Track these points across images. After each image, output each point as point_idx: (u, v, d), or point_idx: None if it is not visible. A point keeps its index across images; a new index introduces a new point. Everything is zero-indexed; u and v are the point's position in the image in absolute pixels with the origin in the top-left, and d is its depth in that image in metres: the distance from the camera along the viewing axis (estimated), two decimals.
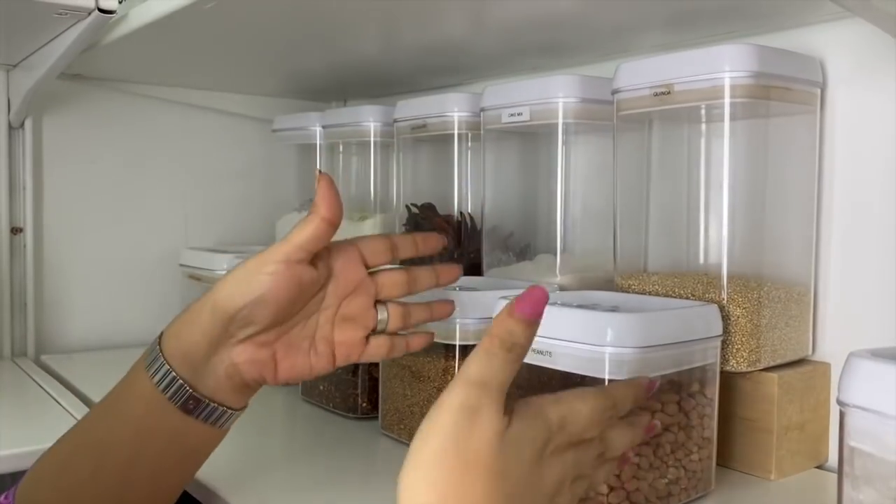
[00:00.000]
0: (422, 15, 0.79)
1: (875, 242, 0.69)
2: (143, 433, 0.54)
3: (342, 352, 0.57)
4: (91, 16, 0.78)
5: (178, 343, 0.53)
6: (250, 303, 0.51)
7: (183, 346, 0.53)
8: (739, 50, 0.65)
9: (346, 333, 0.57)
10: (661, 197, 0.78)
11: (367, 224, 1.08)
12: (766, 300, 0.67)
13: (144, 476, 0.54)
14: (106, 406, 0.56)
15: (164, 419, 0.53)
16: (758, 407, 0.68)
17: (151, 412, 0.53)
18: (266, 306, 0.52)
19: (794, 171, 0.71)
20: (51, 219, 1.18)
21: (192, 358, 0.53)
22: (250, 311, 0.52)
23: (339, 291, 0.56)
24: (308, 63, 1.07)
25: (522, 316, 0.42)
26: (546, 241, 0.86)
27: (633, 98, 0.71)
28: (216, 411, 0.54)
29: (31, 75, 1.01)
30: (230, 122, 1.32)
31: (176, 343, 0.53)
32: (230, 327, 0.52)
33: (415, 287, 0.60)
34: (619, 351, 0.56)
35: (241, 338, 0.53)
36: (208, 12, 0.75)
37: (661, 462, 0.59)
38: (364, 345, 0.58)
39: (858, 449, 0.41)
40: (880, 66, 0.68)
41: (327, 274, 0.56)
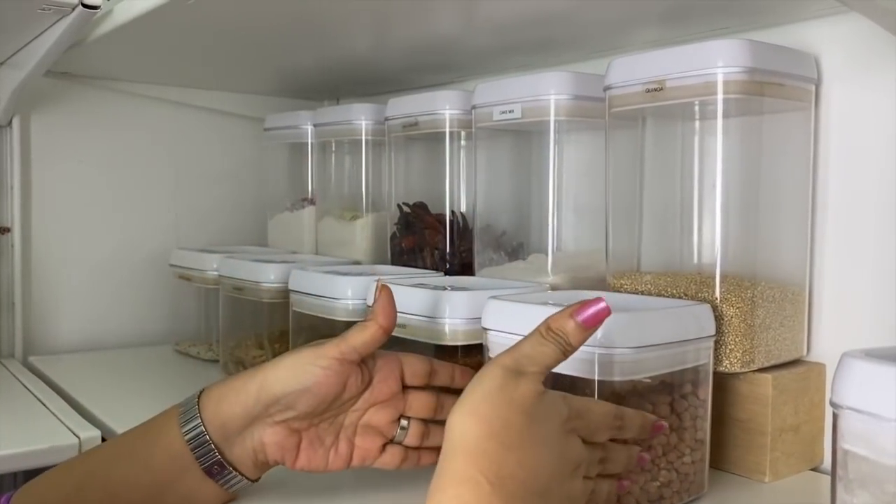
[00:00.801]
0: (413, 13, 0.78)
1: (870, 241, 0.68)
2: (161, 485, 0.56)
3: (359, 455, 0.60)
4: (75, 11, 0.78)
5: (217, 409, 0.56)
6: (297, 391, 0.55)
7: (222, 414, 0.56)
8: (732, 45, 0.64)
9: (367, 439, 0.60)
10: (653, 195, 0.77)
11: (358, 223, 1.07)
12: (760, 300, 0.66)
13: None
14: (127, 447, 0.58)
15: (185, 475, 0.56)
16: (751, 408, 0.67)
17: (174, 466, 0.56)
18: (311, 397, 0.56)
19: (788, 168, 0.70)
20: (39, 219, 1.17)
21: (227, 427, 0.56)
22: (295, 398, 0.56)
23: (372, 399, 0.60)
24: (299, 61, 1.06)
25: (582, 321, 0.48)
26: (538, 240, 0.86)
27: (625, 94, 0.70)
28: (235, 479, 0.58)
29: (18, 73, 1.00)
30: (221, 121, 1.31)
31: (216, 408, 0.57)
32: (271, 408, 0.56)
33: (440, 414, 0.62)
34: (609, 352, 0.55)
35: (277, 420, 0.57)
36: (193, 8, 0.74)
37: (653, 465, 0.58)
38: (380, 452, 0.61)
39: (852, 452, 0.40)
40: (876, 61, 0.68)
41: (368, 380, 0.59)
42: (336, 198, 1.14)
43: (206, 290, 1.14)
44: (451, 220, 0.95)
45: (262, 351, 1.00)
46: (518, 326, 0.61)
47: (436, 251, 0.95)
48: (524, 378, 0.46)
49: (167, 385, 1.03)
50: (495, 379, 0.45)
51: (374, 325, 0.57)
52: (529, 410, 0.45)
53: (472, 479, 0.42)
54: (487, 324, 0.64)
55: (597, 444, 0.51)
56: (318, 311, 0.86)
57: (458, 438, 0.44)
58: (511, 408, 0.45)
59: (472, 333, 0.69)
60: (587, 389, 0.58)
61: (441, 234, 0.94)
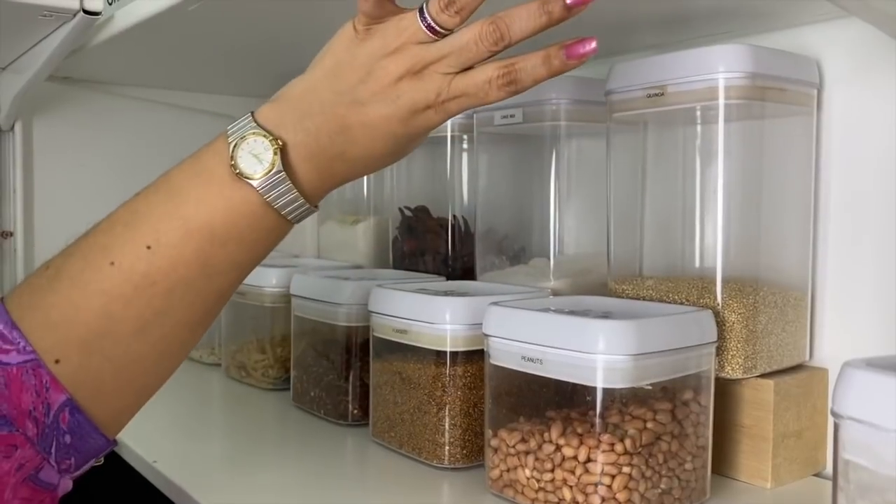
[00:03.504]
0: None
1: (873, 246, 0.68)
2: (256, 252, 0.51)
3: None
4: (76, 17, 0.78)
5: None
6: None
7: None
8: (734, 50, 0.64)
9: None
10: (655, 200, 0.77)
11: (360, 227, 1.07)
12: (762, 305, 0.66)
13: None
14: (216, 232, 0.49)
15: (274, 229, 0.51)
16: (754, 414, 0.66)
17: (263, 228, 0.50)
18: None
19: (790, 173, 0.70)
20: (41, 222, 1.17)
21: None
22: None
23: None
24: (300, 65, 1.05)
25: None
26: (540, 244, 0.85)
27: (626, 99, 0.70)
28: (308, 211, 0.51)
29: (20, 78, 1.00)
30: (223, 125, 1.29)
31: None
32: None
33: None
34: (610, 358, 0.55)
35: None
36: (195, 13, 0.74)
37: (654, 472, 0.58)
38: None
39: (853, 462, 0.40)
40: (878, 66, 0.67)
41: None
42: (338, 201, 1.14)
43: None
44: (452, 224, 0.95)
45: (264, 355, 1.00)
46: (518, 333, 0.61)
47: (437, 255, 0.95)
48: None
49: (168, 389, 1.03)
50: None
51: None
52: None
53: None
54: (488, 330, 0.64)
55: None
56: (319, 316, 0.86)
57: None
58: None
59: (473, 339, 0.69)
60: (589, 396, 0.58)
61: (443, 239, 0.94)
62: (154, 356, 0.48)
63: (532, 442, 0.60)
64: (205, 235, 0.47)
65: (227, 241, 0.48)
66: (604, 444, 0.56)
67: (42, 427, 0.45)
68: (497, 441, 0.63)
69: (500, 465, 0.63)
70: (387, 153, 0.50)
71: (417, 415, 0.72)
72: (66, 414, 0.45)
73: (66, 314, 0.46)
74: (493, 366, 0.64)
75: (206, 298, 0.49)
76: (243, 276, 0.51)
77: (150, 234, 0.47)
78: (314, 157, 0.49)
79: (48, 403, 0.45)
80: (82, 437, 0.46)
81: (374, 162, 0.51)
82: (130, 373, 0.47)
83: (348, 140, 0.49)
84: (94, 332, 0.46)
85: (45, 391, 0.45)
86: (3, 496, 0.43)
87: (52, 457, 0.45)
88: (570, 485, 0.57)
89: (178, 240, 0.47)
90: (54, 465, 0.46)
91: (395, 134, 0.48)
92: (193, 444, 0.80)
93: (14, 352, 0.45)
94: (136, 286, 0.46)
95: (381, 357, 0.77)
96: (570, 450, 0.58)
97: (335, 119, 0.48)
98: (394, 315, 0.73)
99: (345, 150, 0.49)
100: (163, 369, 0.50)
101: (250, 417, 0.91)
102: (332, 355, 0.85)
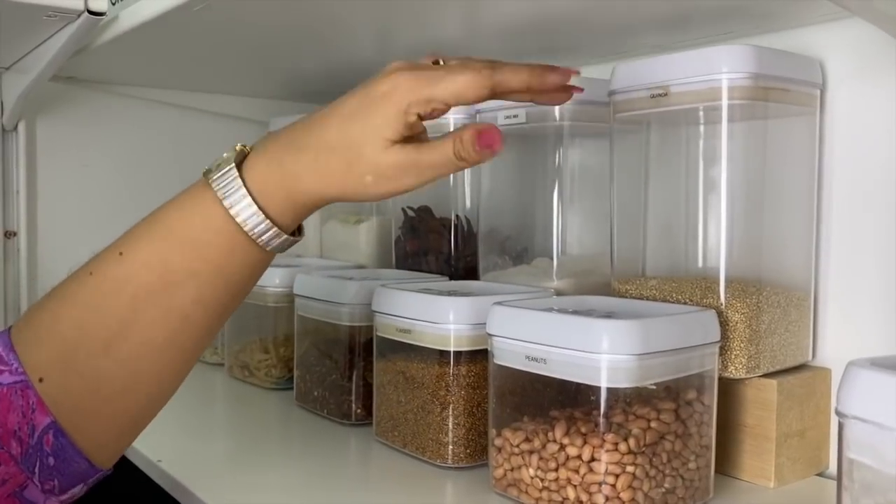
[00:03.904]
0: (418, 16, 0.78)
1: (876, 245, 0.68)
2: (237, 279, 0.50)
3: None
4: (81, 17, 0.78)
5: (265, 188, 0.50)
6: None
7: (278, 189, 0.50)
8: (737, 51, 0.64)
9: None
10: (658, 200, 0.77)
11: (362, 227, 1.08)
12: (765, 305, 0.66)
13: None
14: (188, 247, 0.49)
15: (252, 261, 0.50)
16: (757, 413, 0.67)
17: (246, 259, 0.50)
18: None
19: (793, 173, 0.70)
20: (45, 222, 1.17)
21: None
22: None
23: None
24: (304, 65, 1.06)
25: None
26: (543, 244, 0.86)
27: (629, 100, 0.70)
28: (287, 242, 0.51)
29: (24, 78, 1.00)
30: (225, 125, 1.31)
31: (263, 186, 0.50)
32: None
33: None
34: (614, 358, 0.56)
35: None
36: (200, 13, 0.74)
37: (658, 471, 0.58)
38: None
39: (858, 461, 0.40)
40: (881, 66, 0.67)
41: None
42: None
43: None
44: (455, 224, 0.95)
45: (267, 355, 1.01)
46: (522, 332, 0.61)
47: (440, 255, 0.95)
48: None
49: None
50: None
51: (467, 166, 0.49)
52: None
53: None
54: (492, 330, 0.64)
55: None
56: (322, 316, 0.86)
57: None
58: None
59: (477, 339, 0.69)
60: (593, 396, 0.58)
61: (445, 239, 0.94)
62: (123, 376, 0.48)
63: (536, 441, 0.60)
64: (164, 233, 0.49)
65: (184, 243, 0.48)
66: (608, 444, 0.56)
67: (26, 447, 0.46)
68: (501, 440, 0.64)
69: (504, 465, 0.63)
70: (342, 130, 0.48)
71: (421, 414, 0.72)
72: (49, 436, 0.46)
73: (49, 327, 0.47)
74: (497, 365, 0.64)
75: (168, 315, 0.48)
76: (203, 299, 0.49)
77: (123, 243, 0.49)
78: (266, 149, 0.50)
79: (33, 425, 0.46)
80: (65, 460, 0.47)
81: (326, 154, 0.48)
82: (105, 393, 0.48)
83: (304, 128, 0.49)
84: (70, 345, 0.47)
85: (31, 412, 0.46)
86: None
87: (35, 476, 0.47)
88: (574, 484, 0.57)
89: (143, 242, 0.49)
90: (38, 485, 0.47)
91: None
92: (197, 444, 0.80)
93: (7, 373, 0.46)
94: (105, 293, 0.47)
95: (384, 357, 0.77)
96: (573, 449, 0.58)
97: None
98: (397, 315, 0.74)
99: (297, 135, 0.49)
100: (138, 395, 0.49)
101: (253, 417, 0.91)
102: (335, 355, 0.85)
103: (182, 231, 0.48)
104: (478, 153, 0.47)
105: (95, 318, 0.47)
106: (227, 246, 0.48)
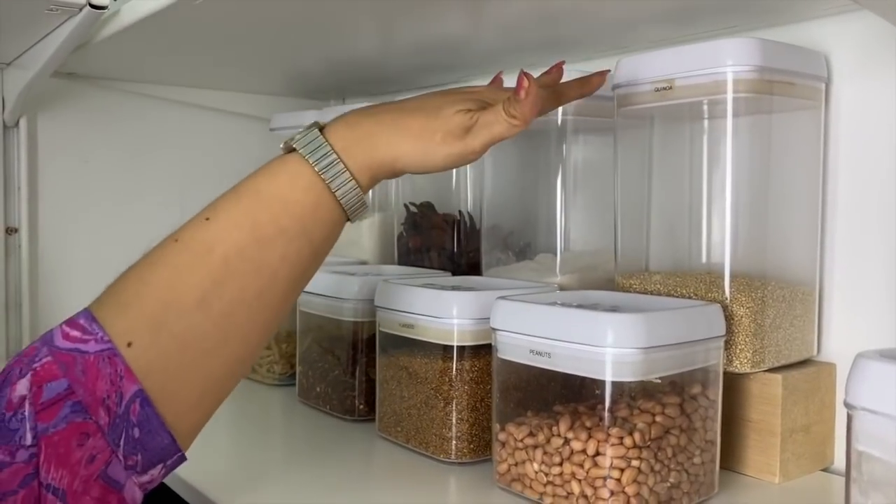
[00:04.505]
0: (420, 12, 0.77)
1: (881, 240, 0.68)
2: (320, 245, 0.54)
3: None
4: (82, 12, 0.77)
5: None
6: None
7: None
8: (742, 44, 0.64)
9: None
10: (662, 194, 0.77)
11: (365, 223, 1.07)
12: (770, 299, 0.66)
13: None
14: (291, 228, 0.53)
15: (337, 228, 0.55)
16: (762, 409, 0.66)
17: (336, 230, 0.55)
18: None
19: (798, 167, 0.70)
20: (46, 218, 1.16)
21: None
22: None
23: None
24: (305, 61, 1.06)
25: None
26: (546, 239, 0.85)
27: (633, 94, 0.70)
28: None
29: (26, 73, 1.00)
30: (227, 121, 1.31)
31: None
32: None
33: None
34: (619, 352, 0.55)
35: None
36: (200, 8, 0.74)
37: (663, 466, 0.58)
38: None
39: (866, 453, 0.40)
40: (886, 60, 0.67)
41: None
42: None
43: None
44: (458, 219, 0.94)
45: (269, 351, 1.00)
46: (527, 326, 0.61)
47: (443, 251, 0.95)
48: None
49: None
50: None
51: (520, 124, 0.56)
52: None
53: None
54: (496, 324, 0.64)
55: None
56: (325, 311, 0.86)
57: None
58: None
59: (480, 334, 0.69)
60: (598, 390, 0.58)
61: (448, 234, 0.94)
62: (215, 333, 0.50)
63: (540, 436, 0.60)
64: (251, 194, 0.52)
65: (271, 201, 0.51)
66: (612, 438, 0.56)
67: (114, 416, 0.46)
68: (505, 435, 0.63)
69: (508, 460, 0.63)
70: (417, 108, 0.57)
71: (424, 409, 0.72)
72: (136, 405, 0.47)
73: (135, 291, 0.49)
74: (501, 360, 0.64)
75: (259, 272, 0.50)
76: (289, 256, 0.52)
77: (210, 210, 0.52)
78: (346, 118, 0.56)
79: (121, 392, 0.46)
80: (150, 431, 0.48)
81: (404, 117, 0.55)
82: (194, 351, 0.49)
83: (381, 105, 0.58)
84: (161, 305, 0.48)
85: (119, 380, 0.46)
86: (73, 485, 0.44)
87: (120, 450, 0.46)
88: (579, 479, 0.57)
89: (230, 204, 0.52)
90: (121, 460, 0.47)
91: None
92: (199, 440, 0.79)
93: (92, 341, 0.47)
94: (196, 254, 0.50)
95: (387, 352, 0.77)
96: (578, 443, 0.57)
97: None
98: (400, 310, 0.73)
99: (375, 108, 0.57)
100: (227, 354, 0.51)
101: (256, 413, 0.91)
102: (337, 351, 0.85)
103: (270, 190, 0.52)
104: (522, 103, 0.55)
105: (187, 278, 0.49)
106: (312, 202, 0.52)
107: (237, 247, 0.50)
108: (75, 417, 0.45)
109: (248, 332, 0.51)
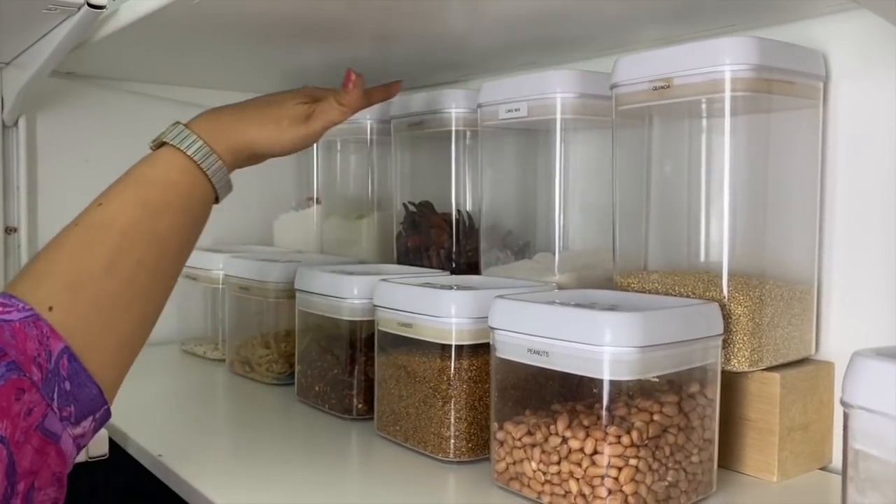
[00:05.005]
0: (419, 11, 0.77)
1: (879, 238, 0.68)
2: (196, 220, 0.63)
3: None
4: (80, 11, 0.77)
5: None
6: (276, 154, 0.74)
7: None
8: (740, 42, 0.64)
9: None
10: (661, 193, 0.77)
11: (363, 222, 1.07)
12: (768, 298, 0.66)
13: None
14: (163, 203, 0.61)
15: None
16: (760, 407, 0.66)
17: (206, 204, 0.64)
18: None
19: (796, 166, 0.70)
20: (45, 218, 1.16)
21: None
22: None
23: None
24: (304, 60, 1.05)
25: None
26: (545, 239, 0.85)
27: (631, 92, 0.70)
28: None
29: (24, 73, 1.00)
30: None
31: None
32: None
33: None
34: (617, 351, 0.55)
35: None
36: (198, 8, 0.74)
37: (661, 464, 0.58)
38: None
39: (863, 452, 0.40)
40: (884, 59, 0.67)
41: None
42: (341, 197, 1.14)
43: (212, 289, 1.14)
44: (456, 219, 0.94)
45: (268, 350, 1.00)
46: (525, 326, 0.61)
47: (442, 250, 0.95)
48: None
49: (173, 384, 1.03)
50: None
51: (348, 111, 0.72)
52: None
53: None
54: (494, 323, 0.64)
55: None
56: (323, 311, 0.86)
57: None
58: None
59: (478, 333, 0.69)
60: (596, 389, 0.58)
61: (447, 234, 0.94)
62: (125, 295, 0.56)
63: (538, 435, 0.60)
64: (137, 180, 0.61)
65: (155, 183, 0.61)
66: (610, 437, 0.56)
67: (45, 372, 0.50)
68: (503, 434, 0.63)
69: (506, 458, 0.63)
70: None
71: (422, 408, 0.72)
72: (65, 360, 0.51)
73: (47, 269, 0.55)
74: (499, 359, 0.64)
75: (152, 239, 0.58)
76: (174, 226, 0.60)
77: (102, 197, 0.60)
78: (205, 115, 0.68)
79: (49, 350, 0.51)
80: (79, 384, 0.52)
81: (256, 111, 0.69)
82: (108, 309, 0.55)
83: (236, 103, 0.71)
84: (72, 275, 0.54)
85: (46, 340, 0.51)
86: (15, 436, 0.47)
87: (54, 402, 0.50)
88: (577, 477, 0.57)
89: (119, 189, 0.60)
90: (56, 412, 0.50)
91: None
92: (198, 439, 0.80)
93: (14, 311, 0.51)
94: (96, 231, 0.57)
95: (385, 351, 0.77)
96: (576, 442, 0.57)
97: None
98: (399, 309, 0.73)
99: (231, 106, 0.70)
100: (135, 311, 0.57)
101: (255, 412, 0.91)
102: (336, 350, 0.85)
103: (153, 174, 0.61)
104: (350, 94, 0.72)
105: (91, 251, 0.56)
106: (189, 182, 0.62)
107: (131, 221, 0.58)
108: (11, 375, 0.48)
109: (149, 292, 0.58)
